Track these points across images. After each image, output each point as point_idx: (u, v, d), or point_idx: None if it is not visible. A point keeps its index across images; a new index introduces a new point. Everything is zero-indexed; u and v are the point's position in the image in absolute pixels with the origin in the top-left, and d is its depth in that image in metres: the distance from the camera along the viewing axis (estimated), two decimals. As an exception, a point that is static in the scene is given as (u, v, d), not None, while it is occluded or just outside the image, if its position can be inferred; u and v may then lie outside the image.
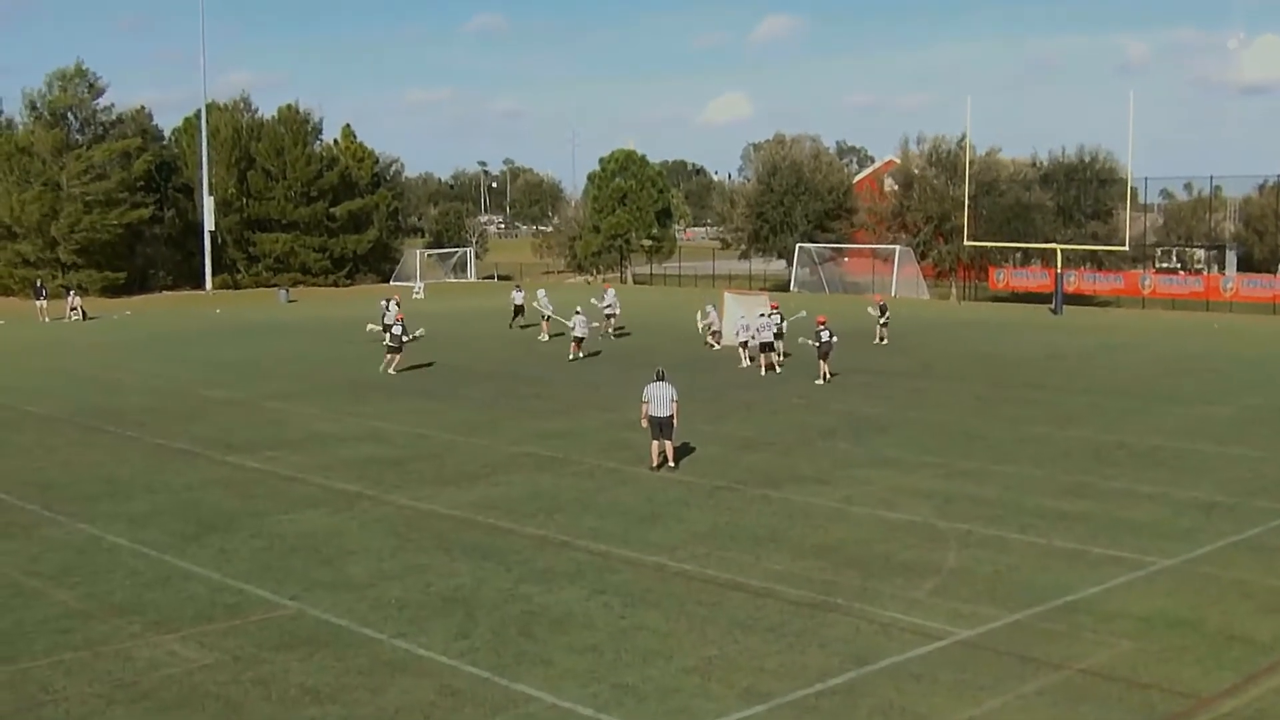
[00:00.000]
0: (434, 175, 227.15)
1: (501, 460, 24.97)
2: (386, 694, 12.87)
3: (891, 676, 13.25)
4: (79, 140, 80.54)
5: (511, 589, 16.45)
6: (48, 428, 29.46)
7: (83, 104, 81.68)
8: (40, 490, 22.58)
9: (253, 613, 15.60)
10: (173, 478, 23.67)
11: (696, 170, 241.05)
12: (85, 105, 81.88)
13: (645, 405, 23.66)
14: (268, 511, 20.80)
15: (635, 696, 12.76)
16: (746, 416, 30.04)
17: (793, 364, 38.88)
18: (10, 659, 14.00)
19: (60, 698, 12.87)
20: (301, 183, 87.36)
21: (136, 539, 19.10)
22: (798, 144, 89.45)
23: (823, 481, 22.71)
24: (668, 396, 23.41)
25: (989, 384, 35.78)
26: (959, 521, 19.68)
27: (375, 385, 36.09)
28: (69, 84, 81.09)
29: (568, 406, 31.82)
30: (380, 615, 15.41)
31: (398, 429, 28.62)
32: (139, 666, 13.75)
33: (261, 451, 26.06)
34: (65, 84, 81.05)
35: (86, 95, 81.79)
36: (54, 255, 76.72)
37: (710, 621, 15.08)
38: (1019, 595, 16.00)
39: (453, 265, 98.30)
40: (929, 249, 76.42)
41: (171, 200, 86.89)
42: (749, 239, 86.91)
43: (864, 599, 15.85)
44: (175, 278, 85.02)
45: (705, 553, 18.07)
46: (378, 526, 19.78)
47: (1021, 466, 23.97)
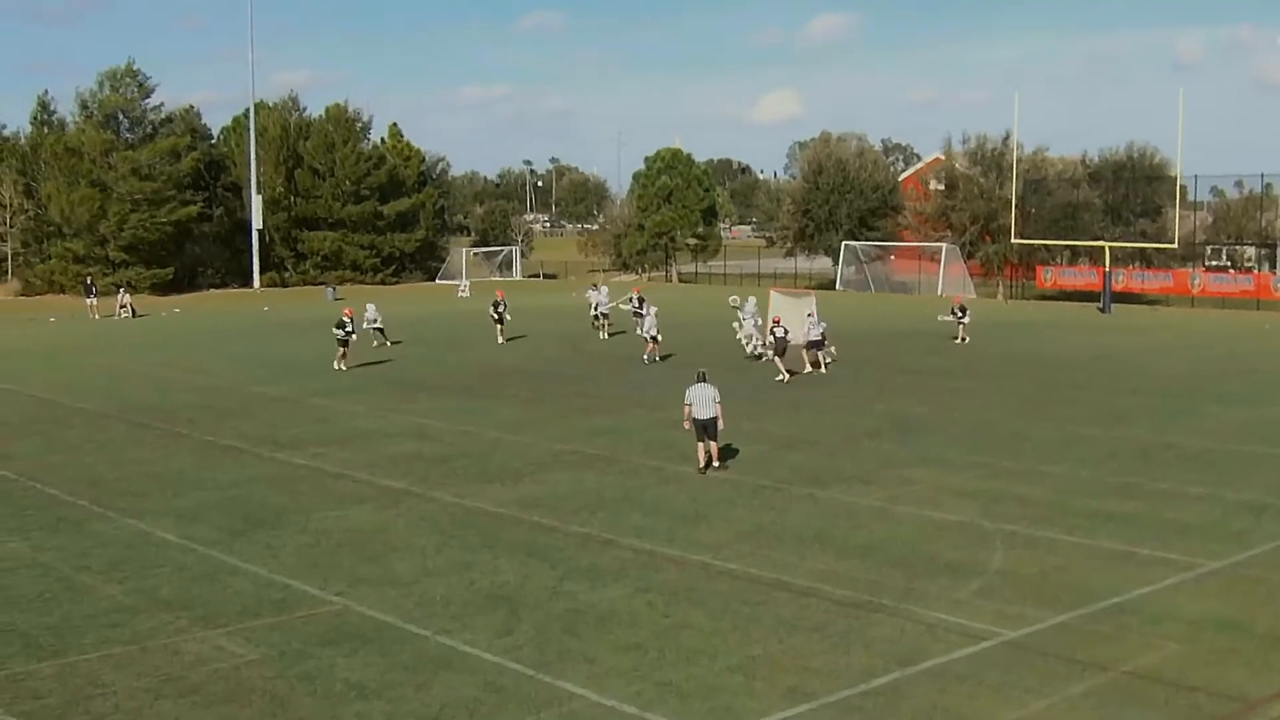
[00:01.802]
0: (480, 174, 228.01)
1: (546, 458, 25.00)
2: (431, 690, 12.91)
3: (936, 677, 13.17)
4: (129, 139, 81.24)
5: (555, 586, 16.47)
6: (97, 424, 29.72)
7: (132, 104, 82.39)
8: (90, 486, 22.78)
9: (299, 608, 15.69)
10: (220, 474, 23.83)
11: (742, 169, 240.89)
12: (135, 105, 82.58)
13: (687, 408, 23.38)
14: (314, 508, 20.91)
15: (679, 695, 12.75)
16: (791, 416, 29.95)
17: (837, 364, 38.74)
18: (60, 652, 14.14)
19: (109, 691, 12.98)
20: (349, 181, 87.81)
21: (184, 534, 19.25)
22: (843, 142, 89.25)
23: (867, 481, 22.62)
24: (710, 397, 23.20)
25: (1035, 383, 35.54)
26: (1005, 522, 19.55)
27: (420, 383, 36.23)
28: (120, 84, 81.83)
29: (612, 405, 31.82)
30: (425, 612, 15.46)
31: (443, 426, 28.71)
32: (186, 661, 13.85)
33: (308, 448, 26.20)
34: (116, 83, 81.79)
35: (136, 95, 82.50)
36: (103, 253, 77.42)
37: (754, 621, 15.05)
38: (1065, 596, 15.88)
39: (498, 263, 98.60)
40: (976, 248, 75.96)
41: (220, 199, 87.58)
42: (794, 237, 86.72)
43: (909, 599, 15.77)
44: (223, 275, 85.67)
45: (749, 552, 18.04)
46: (423, 523, 19.84)
47: (1068, 467, 23.79)
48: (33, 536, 19.23)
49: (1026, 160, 73.06)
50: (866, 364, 39.74)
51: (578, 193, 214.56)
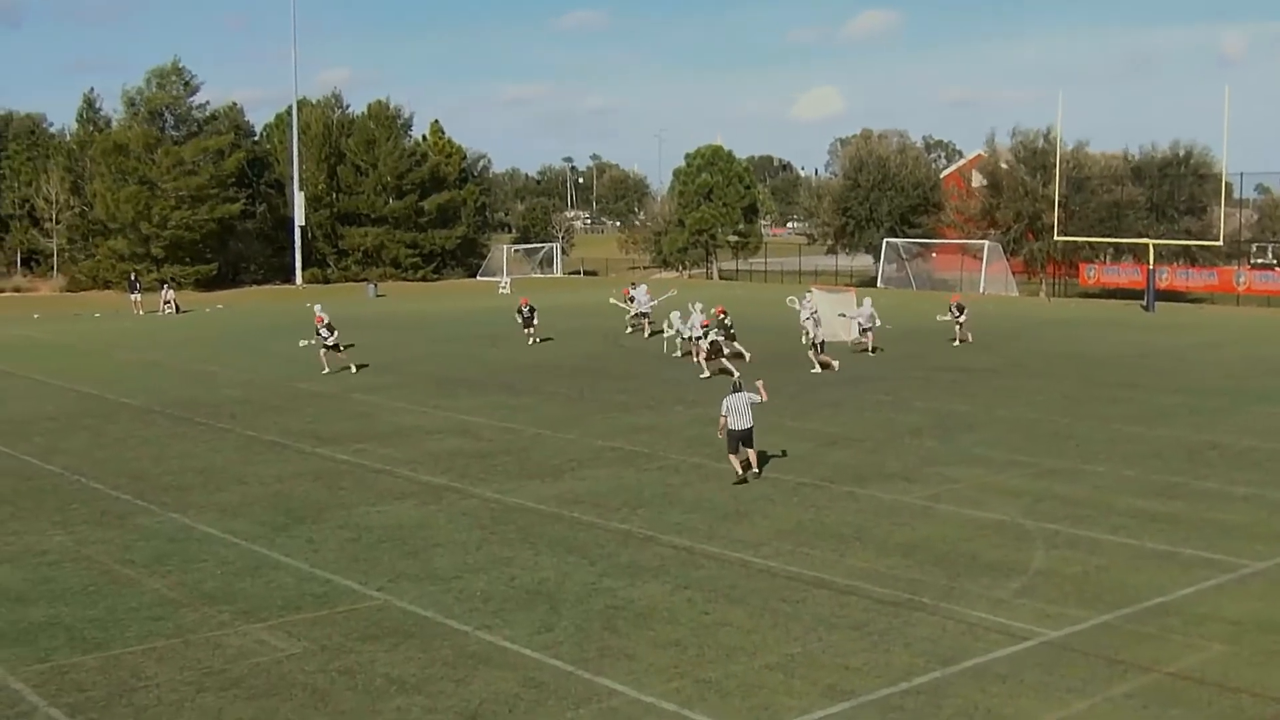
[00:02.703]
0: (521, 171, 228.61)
1: (587, 455, 25.03)
2: (471, 685, 12.95)
3: (977, 677, 13.11)
4: (174, 137, 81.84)
5: (595, 583, 16.49)
6: (141, 419, 29.95)
7: (178, 101, 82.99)
8: (134, 480, 22.97)
9: (340, 603, 15.76)
10: (263, 469, 23.97)
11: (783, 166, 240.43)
12: (180, 103, 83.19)
13: (724, 419, 22.25)
14: (355, 503, 21.01)
15: (718, 692, 12.74)
16: (833, 413, 29.87)
17: (879, 363, 38.62)
18: (103, 645, 14.26)
19: (151, 684, 13.08)
20: (391, 178, 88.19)
21: (227, 529, 19.38)
22: (884, 139, 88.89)
23: (909, 479, 22.54)
24: (746, 405, 22.43)
25: (1079, 382, 35.30)
26: (1047, 521, 19.44)
27: (462, 379, 36.34)
28: (166, 82, 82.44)
29: (653, 402, 31.81)
30: (465, 607, 15.51)
31: (484, 422, 28.78)
32: (228, 654, 13.94)
33: (350, 444, 26.32)
34: (163, 81, 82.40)
35: (182, 93, 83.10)
36: (147, 250, 78.00)
37: (794, 618, 15.02)
38: (1108, 596, 15.77)
39: (539, 260, 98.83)
40: (1018, 245, 75.55)
41: (263, 195, 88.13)
42: (835, 234, 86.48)
43: (949, 598, 15.71)
44: (266, 272, 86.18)
45: (790, 549, 18.00)
46: (464, 519, 19.90)
47: (1112, 466, 23.63)
48: (77, 530, 19.40)
49: (1069, 157, 72.53)
50: (908, 361, 39.58)
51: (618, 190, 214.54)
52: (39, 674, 13.37)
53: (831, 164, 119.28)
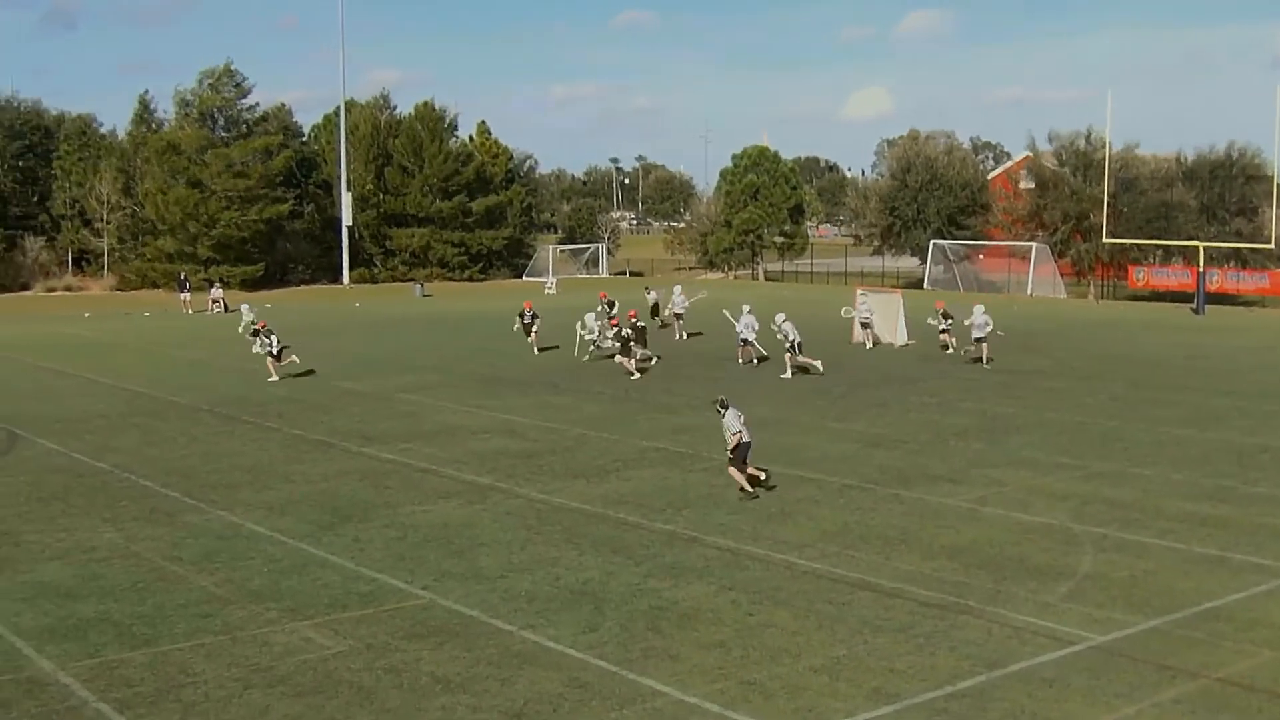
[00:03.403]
0: (567, 171, 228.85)
1: (631, 455, 25.03)
2: (515, 685, 12.97)
3: (1023, 681, 13.03)
4: (224, 138, 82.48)
5: (640, 583, 16.49)
6: (190, 418, 30.17)
7: (229, 103, 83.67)
8: (182, 478, 23.14)
9: (385, 602, 15.83)
10: (310, 468, 24.11)
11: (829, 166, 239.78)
12: (232, 104, 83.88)
13: (737, 435, 21.14)
14: (401, 502, 21.10)
15: (762, 694, 12.71)
16: (878, 415, 29.75)
17: (924, 363, 38.41)
18: (152, 641, 14.37)
19: (199, 680, 13.17)
20: (437, 179, 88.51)
21: (274, 527, 19.50)
22: (931, 140, 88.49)
23: (955, 481, 22.42)
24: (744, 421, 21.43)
25: (1127, 384, 35.03)
26: (1095, 525, 19.30)
27: (507, 379, 36.43)
28: (218, 84, 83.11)
29: (697, 402, 31.69)
30: (510, 607, 15.54)
31: (529, 422, 28.83)
32: (275, 652, 14.02)
33: (396, 443, 26.43)
34: (214, 83, 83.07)
35: (233, 95, 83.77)
36: (195, 250, 78.59)
37: (839, 621, 14.97)
38: (1156, 601, 15.64)
39: (585, 261, 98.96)
40: (1067, 247, 75.04)
41: (310, 196, 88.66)
42: (881, 235, 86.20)
43: (996, 602, 15.61)
44: (313, 272, 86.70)
45: (835, 551, 17.95)
46: (508, 519, 19.94)
47: (1160, 469, 23.43)
48: (127, 527, 19.57)
49: (1118, 158, 71.97)
50: (955, 363, 39.38)
51: (664, 190, 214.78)
52: (88, 669, 13.49)
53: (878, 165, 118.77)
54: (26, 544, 18.62)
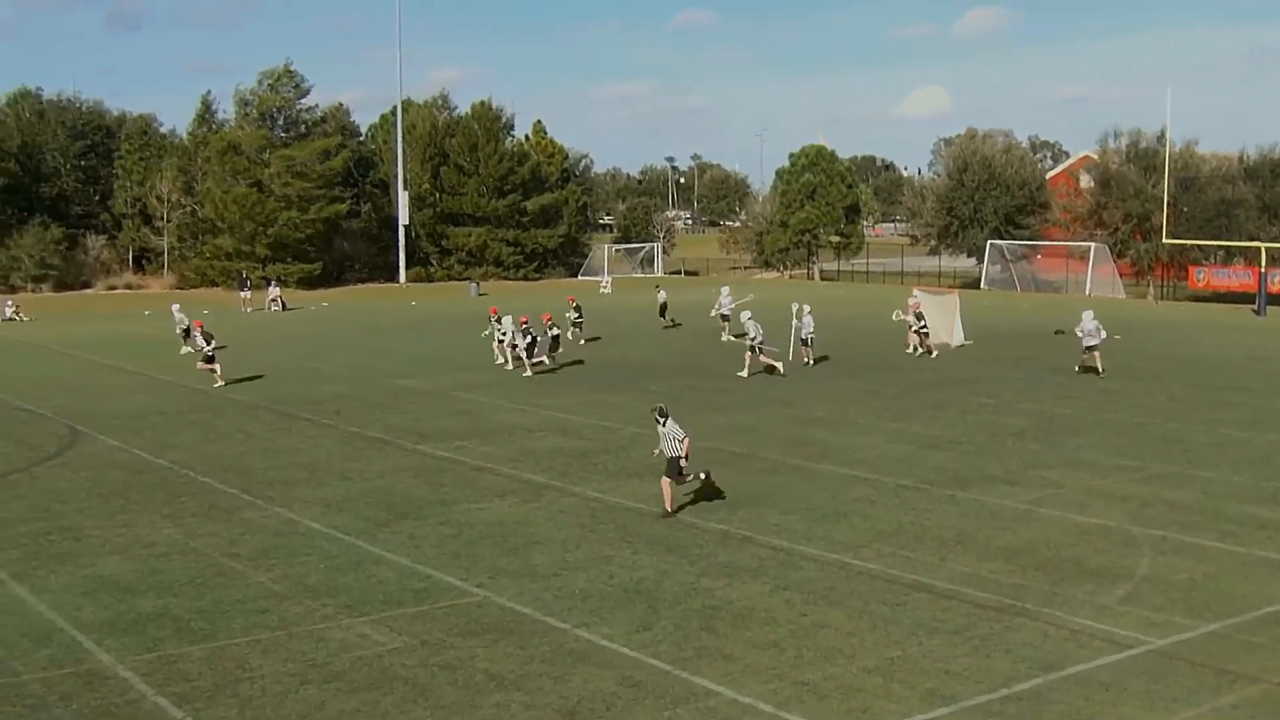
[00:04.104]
0: (622, 171, 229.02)
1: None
2: (569, 683, 12.99)
3: (1080, 684, 12.92)
4: (283, 138, 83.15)
5: (694, 583, 16.47)
6: (248, 415, 30.42)
7: (289, 103, 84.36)
8: (240, 475, 23.33)
9: (440, 599, 15.89)
10: (366, 465, 24.24)
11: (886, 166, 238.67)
12: (291, 105, 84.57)
13: (686, 441, 20.04)
14: (457, 500, 21.17)
15: (816, 695, 12.67)
16: (934, 415, 29.58)
17: (981, 364, 38.16)
18: (210, 636, 14.50)
19: (256, 675, 13.28)
20: (493, 178, 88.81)
21: (331, 524, 19.62)
22: (989, 139, 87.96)
23: (1012, 483, 22.26)
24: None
25: (1188, 385, 34.67)
26: (1154, 527, 19.11)
27: (561, 378, 36.48)
28: (278, 84, 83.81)
29: (751, 402, 31.72)
30: (564, 605, 15.57)
31: (584, 421, 28.87)
32: (331, 648, 14.11)
33: (451, 441, 26.53)
34: (274, 84, 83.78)
35: (292, 95, 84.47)
36: (252, 249, 79.26)
37: (894, 622, 14.90)
38: (1216, 605, 15.47)
39: (640, 260, 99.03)
40: (1126, 247, 74.31)
41: (368, 195, 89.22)
42: (938, 235, 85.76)
43: (1052, 604, 15.49)
44: (370, 270, 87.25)
45: (890, 552, 17.86)
46: (563, 517, 19.98)
47: (1221, 471, 23.17)
48: (186, 523, 19.75)
49: (1178, 157, 71.21)
50: (1012, 363, 39.13)
51: (719, 189, 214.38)
52: (147, 663, 13.63)
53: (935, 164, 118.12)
54: (87, 539, 18.84)
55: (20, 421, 29.59)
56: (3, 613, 15.39)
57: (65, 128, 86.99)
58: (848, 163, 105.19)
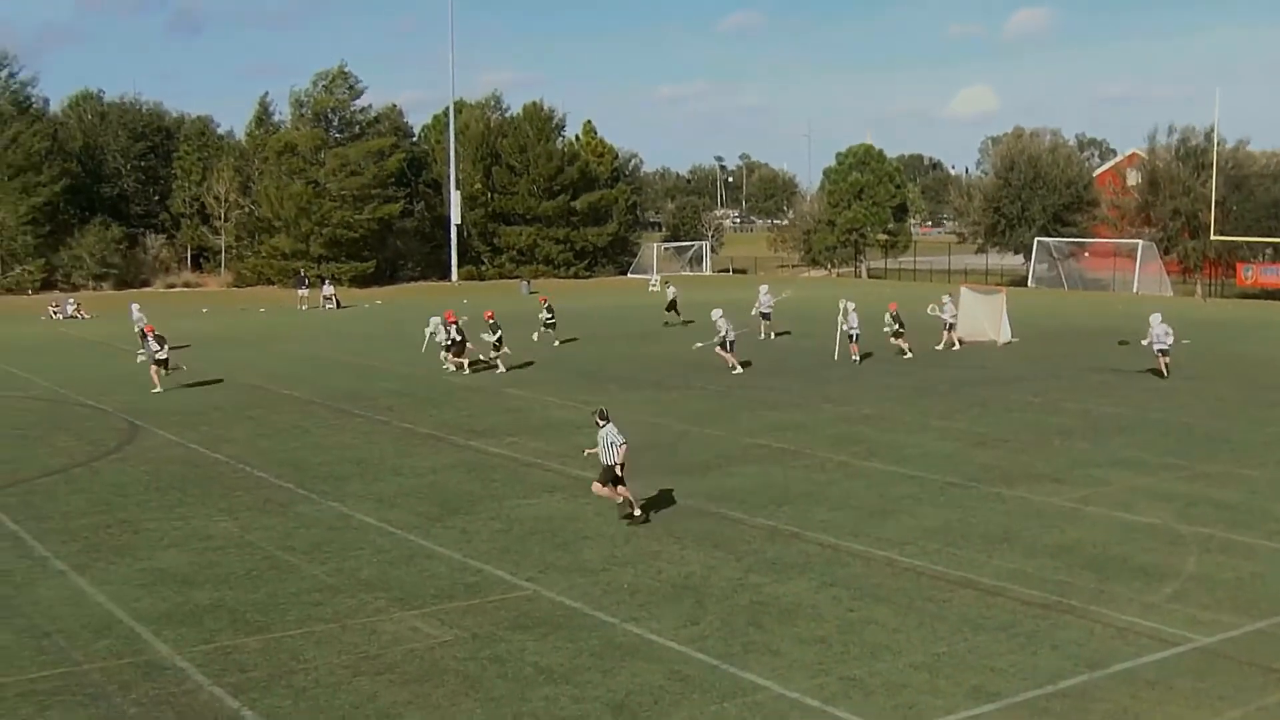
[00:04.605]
0: (671, 170, 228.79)
1: (733, 451, 24.98)
2: (617, 677, 13.00)
3: (1126, 682, 12.82)
4: (337, 138, 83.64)
5: (741, 578, 16.45)
6: (303, 411, 30.61)
7: (343, 104, 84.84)
8: (295, 470, 23.48)
9: (491, 593, 15.94)
10: (418, 461, 24.34)
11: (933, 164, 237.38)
12: (345, 105, 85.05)
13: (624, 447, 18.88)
14: (507, 495, 21.22)
15: (862, 690, 12.63)
16: (980, 413, 29.42)
17: (1027, 363, 37.84)
18: (265, 628, 14.61)
19: (310, 666, 13.36)
20: (544, 178, 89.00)
21: (383, 518, 19.72)
22: (1036, 137, 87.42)
23: (1058, 481, 22.10)
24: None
25: (1236, 384, 34.33)
26: (1201, 525, 18.93)
27: (611, 375, 36.50)
28: (332, 85, 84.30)
29: (799, 399, 31.65)
30: (613, 599, 15.57)
31: (632, 418, 28.78)
32: (383, 640, 14.18)
33: (502, 437, 26.60)
34: (329, 85, 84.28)
35: (347, 96, 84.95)
36: (307, 247, 79.77)
37: (939, 618, 14.83)
38: (1263, 603, 15.30)
39: (689, 258, 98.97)
40: (1174, 244, 73.61)
41: (420, 194, 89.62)
42: (985, 233, 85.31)
43: (1099, 601, 15.37)
44: (423, 269, 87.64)
45: (936, 549, 17.78)
46: (611, 513, 19.94)
47: (1269, 470, 22.91)
48: (241, 517, 19.90)
49: (1228, 155, 70.51)
50: (1059, 362, 38.87)
51: (768, 189, 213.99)
52: (204, 654, 13.74)
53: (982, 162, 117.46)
54: (146, 531, 19.02)
55: (82, 417, 29.90)
56: (64, 604, 15.57)
57: (126, 129, 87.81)
58: (895, 162, 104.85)
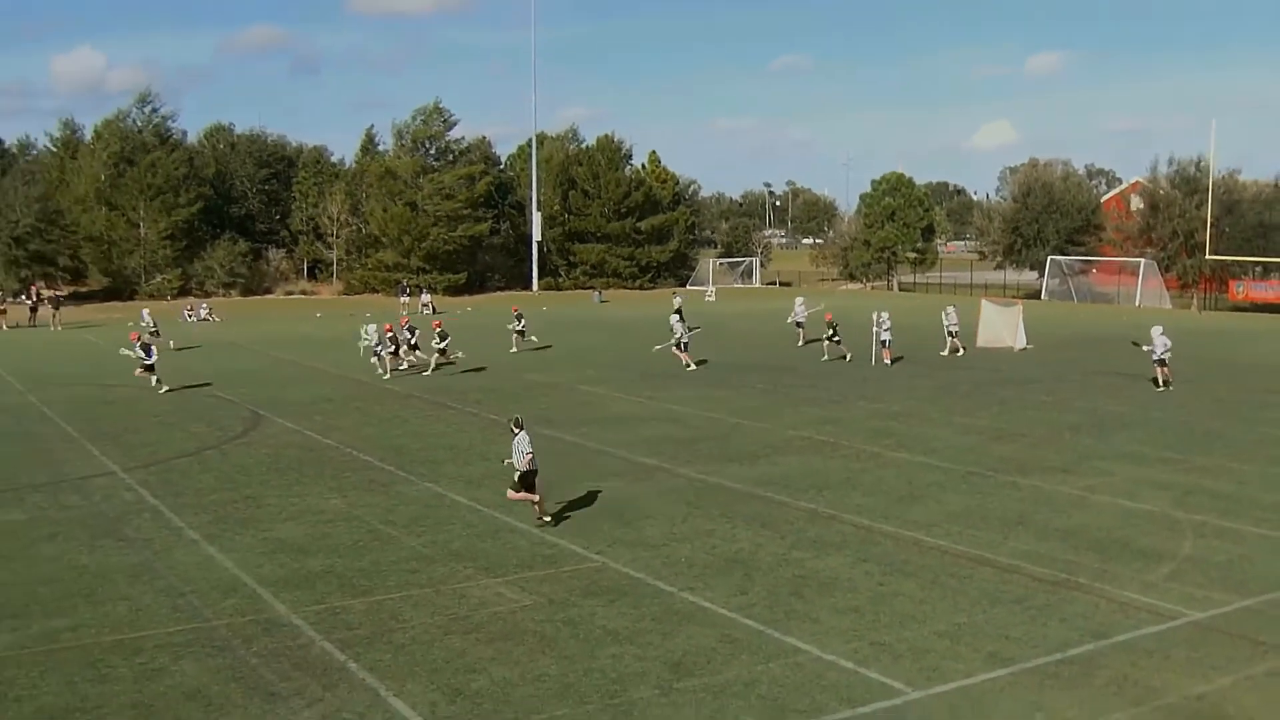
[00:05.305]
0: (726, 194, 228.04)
1: (779, 442, 24.90)
2: (675, 639, 13.00)
3: (1127, 651, 12.67)
4: (434, 166, 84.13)
5: (785, 554, 16.40)
6: (402, 403, 30.80)
7: (438, 135, 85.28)
8: (395, 454, 23.64)
9: (565, 564, 15.98)
10: (502, 447, 24.20)
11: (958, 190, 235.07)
12: (440, 137, 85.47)
13: (529, 456, 17.66)
14: (579, 479, 21.22)
15: (891, 654, 12.56)
16: (999, 411, 29.15)
17: (1043, 366, 37.49)
18: (369, 591, 14.73)
19: (407, 626, 13.46)
20: (614, 201, 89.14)
21: (472, 497, 19.80)
22: (1050, 167, 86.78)
23: (1067, 471, 21.86)
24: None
25: (1228, 387, 33.80)
26: (1196, 513, 18.66)
27: (671, 373, 36.46)
28: (429, 118, 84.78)
29: (838, 397, 31.49)
30: (672, 571, 15.57)
31: (690, 412, 28.85)
32: (471, 604, 14.26)
33: (575, 428, 26.63)
34: (426, 118, 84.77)
35: (441, 128, 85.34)
36: (409, 261, 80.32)
37: (960, 592, 14.72)
38: (1251, 583, 15.07)
39: (740, 272, 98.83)
40: (1173, 262, 72.83)
41: (506, 215, 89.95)
42: (1004, 251, 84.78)
43: (1103, 579, 15.20)
44: (507, 280, 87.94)
45: (958, 531, 17.64)
46: (671, 495, 19.98)
47: (1259, 465, 22.53)
48: (349, 495, 20.07)
49: (1220, 183, 69.69)
50: (1069, 366, 38.43)
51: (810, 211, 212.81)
52: (316, 613, 13.88)
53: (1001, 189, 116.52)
54: (267, 507, 19.23)
55: (213, 407, 30.28)
56: (196, 568, 15.78)
57: (252, 157, 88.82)
58: (924, 188, 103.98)
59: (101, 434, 25.98)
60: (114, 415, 28.69)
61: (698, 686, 11.75)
